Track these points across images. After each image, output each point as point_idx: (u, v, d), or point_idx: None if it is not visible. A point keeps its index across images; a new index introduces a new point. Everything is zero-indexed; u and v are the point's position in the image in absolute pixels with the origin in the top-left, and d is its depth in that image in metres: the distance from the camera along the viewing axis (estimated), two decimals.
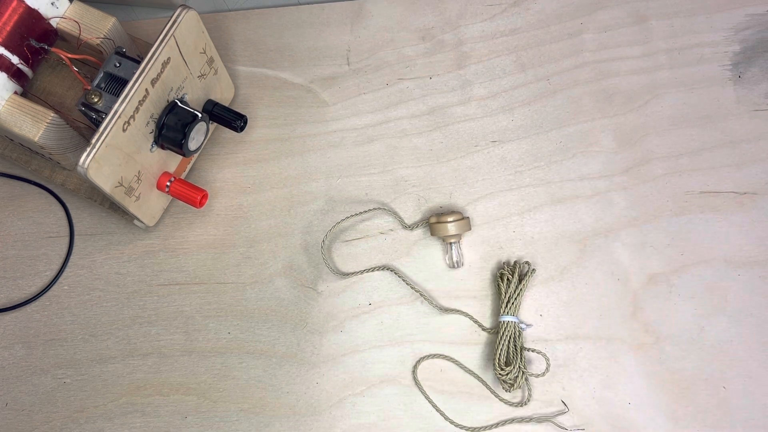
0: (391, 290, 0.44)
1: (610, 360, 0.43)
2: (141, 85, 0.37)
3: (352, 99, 0.48)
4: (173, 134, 0.39)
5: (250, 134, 0.47)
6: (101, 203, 0.44)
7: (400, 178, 0.46)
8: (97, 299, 0.44)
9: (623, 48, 0.48)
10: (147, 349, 0.44)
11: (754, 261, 0.44)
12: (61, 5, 0.40)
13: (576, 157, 0.46)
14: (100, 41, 0.40)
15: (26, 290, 0.45)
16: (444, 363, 0.43)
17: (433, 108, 0.47)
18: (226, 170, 0.46)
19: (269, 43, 0.49)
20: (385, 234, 0.45)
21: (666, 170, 0.46)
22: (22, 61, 0.40)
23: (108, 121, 0.36)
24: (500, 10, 0.49)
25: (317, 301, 0.44)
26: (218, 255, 0.45)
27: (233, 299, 0.44)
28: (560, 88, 0.48)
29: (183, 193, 0.42)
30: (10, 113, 0.39)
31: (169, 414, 0.43)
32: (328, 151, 0.47)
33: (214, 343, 0.44)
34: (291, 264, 0.45)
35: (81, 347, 0.44)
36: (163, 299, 0.44)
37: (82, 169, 0.35)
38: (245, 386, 0.43)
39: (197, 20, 0.39)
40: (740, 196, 0.45)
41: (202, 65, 0.41)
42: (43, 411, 0.43)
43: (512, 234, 0.45)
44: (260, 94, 0.48)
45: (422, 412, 0.43)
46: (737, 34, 0.48)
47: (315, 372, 0.43)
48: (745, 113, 0.47)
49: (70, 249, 0.45)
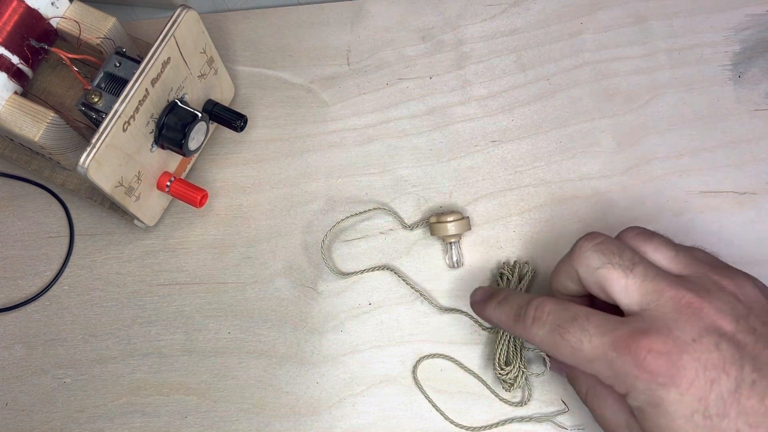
0: (391, 290, 0.44)
1: None
2: (141, 85, 0.37)
3: (352, 99, 0.48)
4: (173, 134, 0.39)
5: (250, 134, 0.47)
6: (101, 203, 0.44)
7: (400, 178, 0.46)
8: (97, 299, 0.44)
9: (623, 48, 0.48)
10: (147, 349, 0.44)
11: (754, 261, 0.44)
12: (61, 5, 0.40)
13: (576, 157, 0.46)
14: (100, 41, 0.40)
15: (26, 290, 0.45)
16: (444, 363, 0.43)
17: (433, 108, 0.47)
18: (226, 170, 0.46)
19: (269, 43, 0.49)
20: (385, 234, 0.45)
21: (666, 170, 0.46)
22: (22, 61, 0.40)
23: (108, 121, 0.36)
24: (500, 10, 0.49)
25: (317, 301, 0.44)
26: (218, 255, 0.45)
27: (233, 299, 0.44)
28: (560, 88, 0.48)
29: (183, 193, 0.42)
30: (10, 113, 0.39)
31: (169, 414, 0.43)
32: (328, 151, 0.47)
33: (214, 343, 0.44)
34: (291, 264, 0.45)
35: (81, 347, 0.44)
36: (163, 299, 0.44)
37: (82, 169, 0.35)
38: (245, 386, 0.43)
39: (197, 20, 0.39)
40: (740, 196, 0.45)
41: (202, 65, 0.41)
42: (43, 411, 0.43)
43: (512, 234, 0.45)
44: (260, 94, 0.48)
45: (422, 412, 0.43)
46: (737, 34, 0.48)
47: (315, 372, 0.43)
48: (745, 113, 0.47)
49: (70, 249, 0.45)
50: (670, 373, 0.30)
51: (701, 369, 0.30)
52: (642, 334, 0.31)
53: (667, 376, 0.30)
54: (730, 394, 0.30)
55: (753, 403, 0.30)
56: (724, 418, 0.30)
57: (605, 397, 0.35)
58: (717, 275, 0.33)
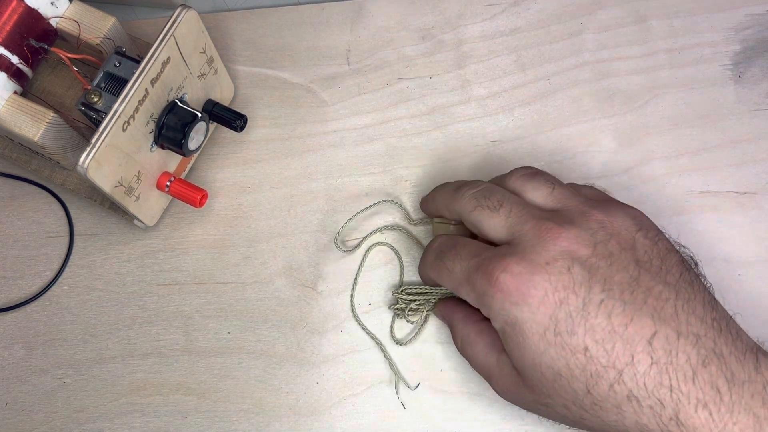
0: (391, 290, 0.44)
1: None
2: (141, 85, 0.37)
3: (352, 99, 0.48)
4: (173, 134, 0.39)
5: (250, 134, 0.47)
6: (101, 203, 0.44)
7: (400, 177, 0.46)
8: (97, 299, 0.44)
9: (623, 48, 0.48)
10: (147, 349, 0.44)
11: (754, 261, 0.44)
12: (60, 5, 0.40)
13: (576, 157, 0.46)
14: (100, 41, 0.40)
15: (26, 290, 0.45)
16: (444, 363, 0.43)
17: (433, 108, 0.47)
18: (226, 170, 0.46)
19: (269, 43, 0.49)
20: (385, 234, 0.45)
21: (666, 170, 0.46)
22: (22, 60, 0.40)
23: (108, 121, 0.36)
24: (500, 10, 0.49)
25: (317, 301, 0.44)
26: (218, 255, 0.45)
27: (233, 299, 0.44)
28: (560, 88, 0.48)
29: (183, 193, 0.42)
30: (10, 113, 0.39)
31: (169, 414, 0.43)
32: (328, 151, 0.47)
33: (214, 343, 0.44)
34: (291, 264, 0.45)
35: (81, 347, 0.44)
36: (163, 299, 0.44)
37: (82, 168, 0.35)
38: (245, 386, 0.43)
39: (197, 20, 0.39)
40: (740, 196, 0.45)
41: (202, 65, 0.41)
42: (43, 411, 0.43)
43: None
44: (260, 94, 0.48)
45: (422, 412, 0.43)
46: (737, 34, 0.48)
47: (315, 372, 0.43)
48: (745, 113, 0.47)
49: (69, 249, 0.45)
50: (520, 292, 0.33)
51: (551, 289, 0.32)
52: (500, 257, 0.34)
53: (518, 294, 0.33)
54: (577, 313, 0.32)
55: (600, 321, 0.32)
56: (572, 335, 0.32)
57: (477, 343, 0.38)
58: (588, 207, 0.35)
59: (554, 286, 0.32)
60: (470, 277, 0.35)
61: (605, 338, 0.32)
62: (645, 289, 0.32)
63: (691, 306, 0.32)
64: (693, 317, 0.32)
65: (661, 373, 0.31)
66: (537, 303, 0.32)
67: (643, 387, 0.31)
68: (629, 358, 0.31)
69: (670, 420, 0.31)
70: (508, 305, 0.33)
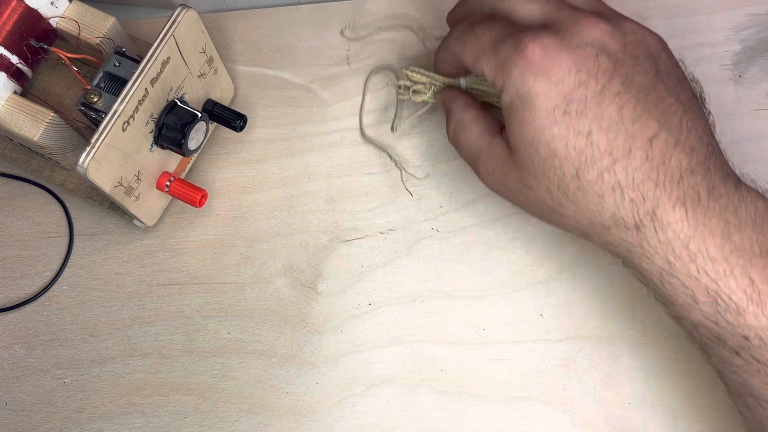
0: (391, 290, 0.44)
1: (611, 360, 0.43)
2: (140, 85, 0.37)
3: (352, 99, 0.48)
4: (173, 134, 0.39)
5: (250, 134, 0.47)
6: (101, 203, 0.44)
7: (399, 177, 0.46)
8: (96, 299, 0.44)
9: None
10: (147, 349, 0.44)
11: None
12: (60, 5, 0.40)
13: None
14: (100, 41, 0.40)
15: (26, 290, 0.45)
16: (444, 363, 0.43)
17: (433, 107, 0.47)
18: (226, 170, 0.46)
19: (269, 43, 0.49)
20: (385, 234, 0.45)
21: None
22: (22, 60, 0.40)
23: (107, 121, 0.36)
24: None
25: (317, 301, 0.44)
26: (218, 255, 0.45)
27: (233, 299, 0.44)
28: None
29: (183, 193, 0.42)
30: (10, 113, 0.39)
31: (169, 414, 0.43)
32: (328, 150, 0.47)
33: (214, 343, 0.44)
34: (291, 264, 0.45)
35: (81, 347, 0.44)
36: (162, 299, 0.44)
37: (82, 168, 0.35)
38: (245, 386, 0.43)
39: (197, 20, 0.39)
40: None
41: (201, 65, 0.41)
42: (43, 411, 0.43)
43: (512, 234, 0.45)
44: (260, 94, 0.48)
45: (423, 412, 0.43)
46: (737, 34, 0.48)
47: (315, 372, 0.43)
48: (745, 113, 0.47)
49: (69, 249, 0.45)
50: (543, 64, 0.33)
51: (575, 69, 0.33)
52: (533, 30, 0.34)
53: (542, 65, 0.33)
54: (593, 97, 0.33)
55: (611, 111, 0.33)
56: (581, 117, 0.33)
57: (471, 127, 0.38)
58: (625, 17, 0.36)
59: (578, 68, 0.33)
60: (497, 44, 0.35)
61: (611, 127, 0.33)
62: (658, 97, 0.34)
63: (694, 125, 0.34)
64: (693, 133, 0.34)
65: (651, 170, 0.33)
66: (557, 79, 0.33)
67: (631, 179, 0.33)
68: (627, 150, 0.33)
69: (647, 214, 0.33)
70: (527, 74, 0.33)
